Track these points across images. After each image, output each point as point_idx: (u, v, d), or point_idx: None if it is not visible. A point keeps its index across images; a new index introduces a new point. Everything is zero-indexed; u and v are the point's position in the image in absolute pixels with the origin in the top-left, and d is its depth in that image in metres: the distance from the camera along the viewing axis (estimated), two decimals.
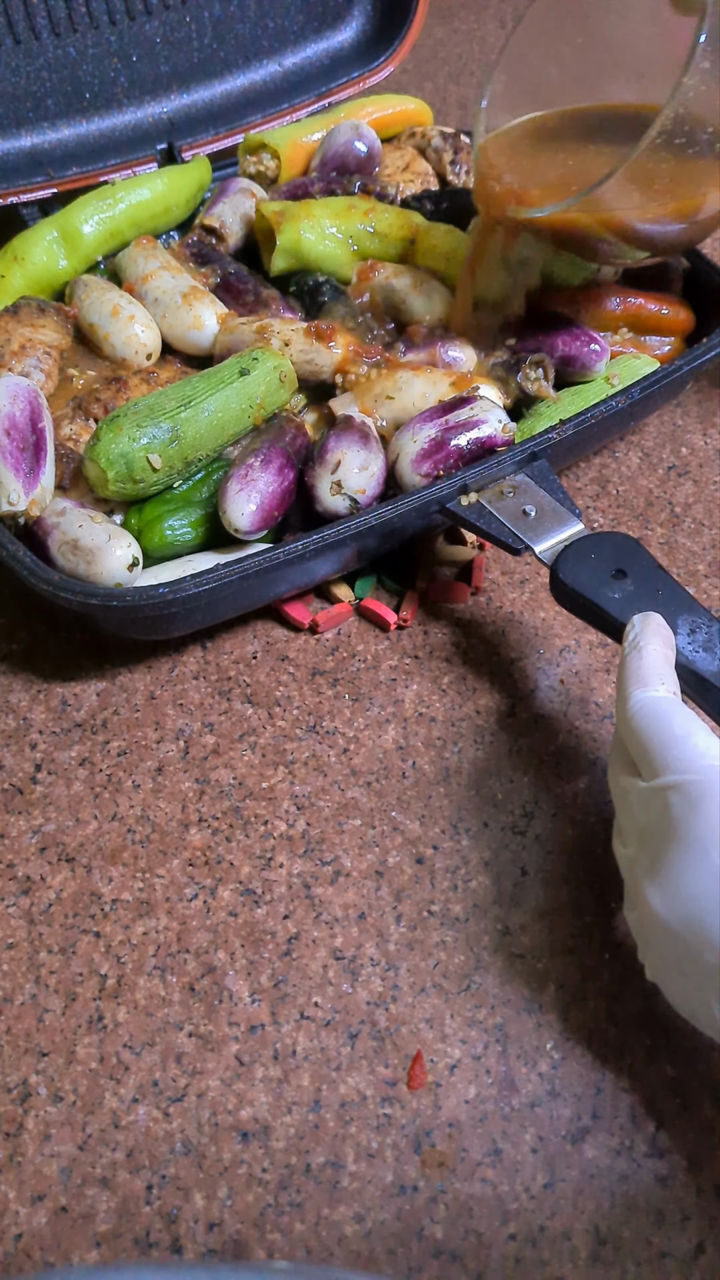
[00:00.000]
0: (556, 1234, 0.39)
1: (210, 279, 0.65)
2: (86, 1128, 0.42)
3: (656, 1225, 0.39)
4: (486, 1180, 0.40)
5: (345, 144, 0.71)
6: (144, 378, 0.60)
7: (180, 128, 0.76)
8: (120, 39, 0.72)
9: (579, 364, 0.62)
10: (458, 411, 0.56)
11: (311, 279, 0.65)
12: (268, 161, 0.73)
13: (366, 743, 0.53)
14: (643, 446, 0.68)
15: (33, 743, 0.53)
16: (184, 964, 0.46)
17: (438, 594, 0.59)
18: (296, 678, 0.56)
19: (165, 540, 0.54)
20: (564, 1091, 0.42)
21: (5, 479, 0.53)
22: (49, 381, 0.60)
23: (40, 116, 0.72)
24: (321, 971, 0.46)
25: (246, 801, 0.51)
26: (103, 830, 0.50)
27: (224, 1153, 0.41)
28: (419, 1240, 0.39)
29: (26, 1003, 0.45)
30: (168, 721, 0.54)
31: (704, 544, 0.62)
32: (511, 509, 0.55)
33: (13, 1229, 0.39)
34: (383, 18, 0.80)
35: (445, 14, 1.17)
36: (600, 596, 0.50)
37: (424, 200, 0.70)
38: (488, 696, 0.55)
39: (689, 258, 0.69)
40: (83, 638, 0.57)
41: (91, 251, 0.67)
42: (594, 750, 0.53)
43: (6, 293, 0.64)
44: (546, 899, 0.48)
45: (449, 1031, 0.44)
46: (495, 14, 1.18)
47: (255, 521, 0.53)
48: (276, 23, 0.78)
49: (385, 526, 0.53)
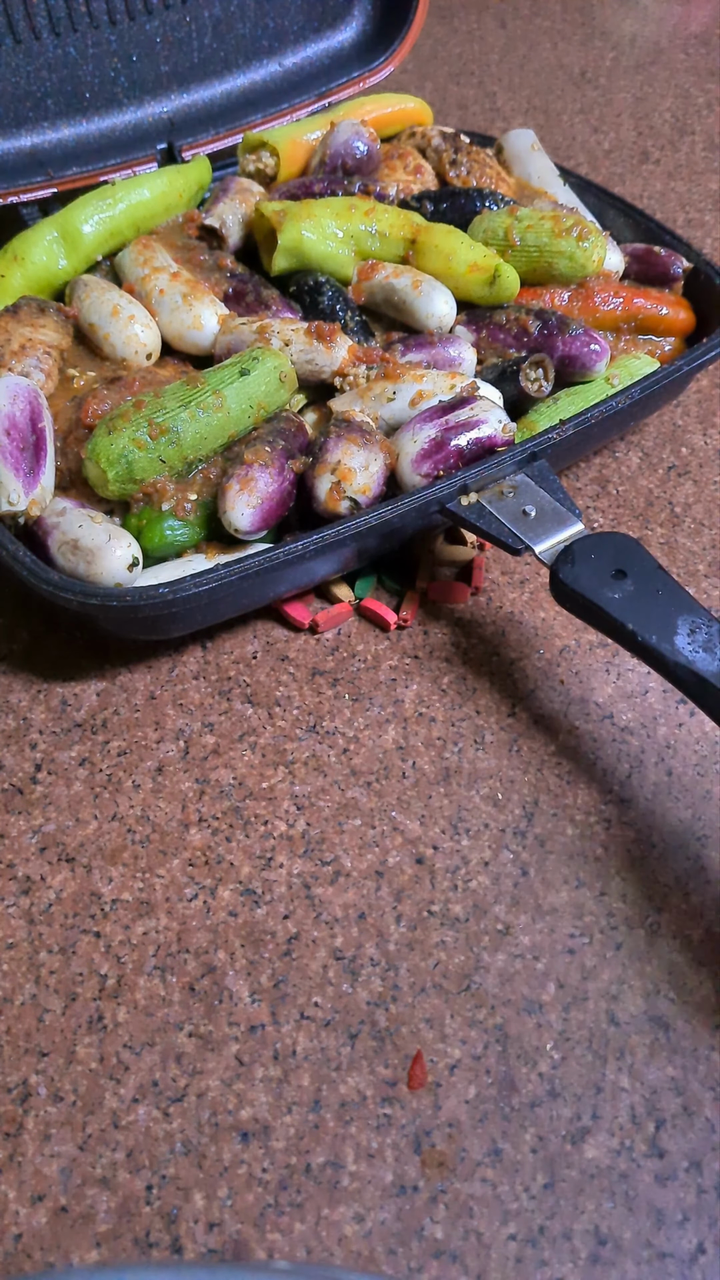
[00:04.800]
0: (556, 1234, 0.39)
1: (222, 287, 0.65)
2: (86, 1128, 0.42)
3: (656, 1225, 0.39)
4: (486, 1180, 0.40)
5: (345, 144, 0.71)
6: (144, 377, 0.60)
7: (180, 127, 0.76)
8: (120, 39, 0.72)
9: (579, 364, 0.62)
10: (458, 411, 0.56)
11: (312, 279, 0.65)
12: (267, 160, 0.73)
13: (366, 743, 0.53)
14: (643, 446, 0.68)
15: (33, 743, 0.53)
16: (184, 964, 0.46)
17: (438, 594, 0.59)
18: (296, 678, 0.56)
19: (165, 540, 0.54)
20: (564, 1091, 0.42)
21: (5, 479, 0.53)
22: (49, 381, 0.60)
23: (40, 116, 0.72)
24: (321, 971, 0.46)
25: (246, 801, 0.51)
26: (103, 830, 0.50)
27: (224, 1153, 0.41)
28: (419, 1240, 0.39)
29: (26, 1003, 0.45)
30: (168, 721, 0.54)
31: (704, 544, 0.62)
32: (511, 509, 0.55)
33: (13, 1229, 0.39)
34: (383, 18, 0.80)
35: (445, 14, 1.17)
36: (600, 596, 0.50)
37: (424, 200, 0.70)
38: (488, 696, 0.55)
39: (689, 258, 0.69)
40: (83, 638, 0.57)
41: (91, 251, 0.67)
42: (594, 750, 0.53)
43: (6, 293, 0.64)
44: (546, 899, 0.48)
45: (449, 1031, 0.44)
46: (495, 14, 1.18)
47: (255, 522, 0.53)
48: (276, 23, 0.78)
49: (385, 526, 0.53)
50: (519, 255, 0.66)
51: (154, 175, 0.69)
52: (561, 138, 0.97)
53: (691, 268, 0.69)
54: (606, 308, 0.66)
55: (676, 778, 0.52)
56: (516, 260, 0.66)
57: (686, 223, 0.87)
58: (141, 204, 0.68)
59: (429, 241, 0.65)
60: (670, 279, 0.69)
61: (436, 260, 0.65)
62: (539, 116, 1.00)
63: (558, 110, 1.01)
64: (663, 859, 0.49)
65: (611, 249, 0.69)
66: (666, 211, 0.88)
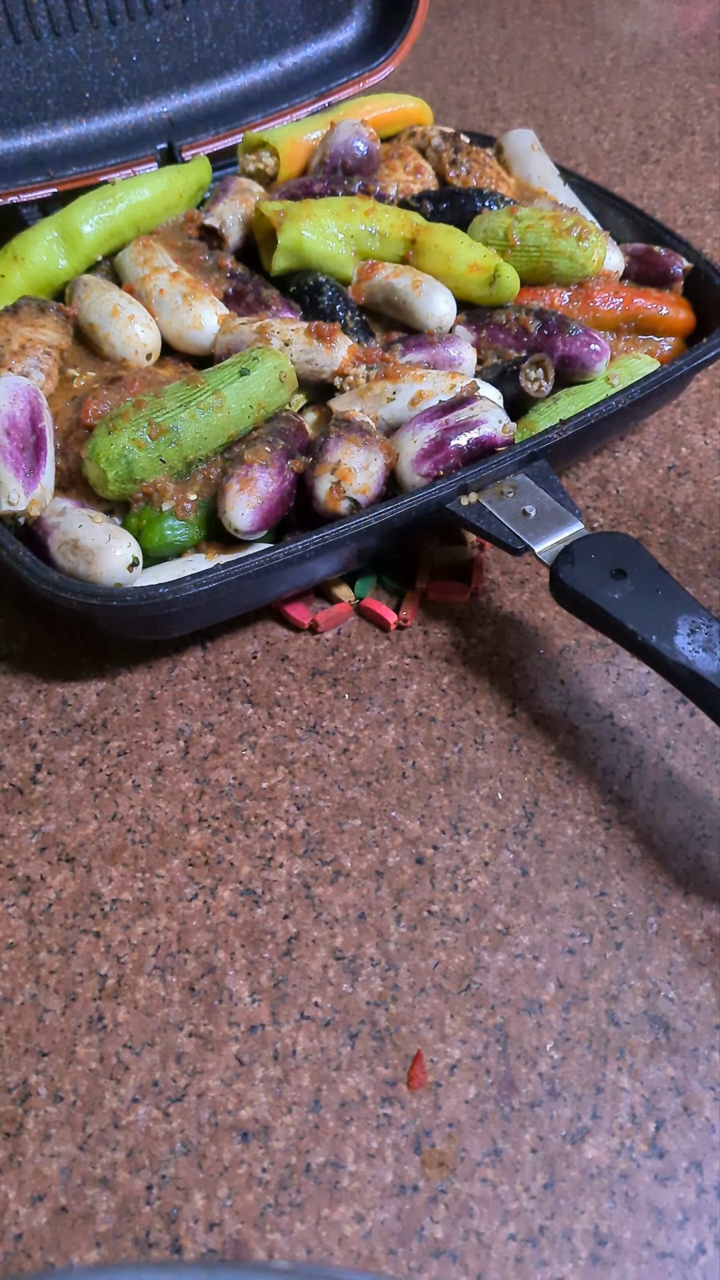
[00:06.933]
0: (556, 1234, 0.39)
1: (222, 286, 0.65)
2: (86, 1128, 0.42)
3: (656, 1225, 0.39)
4: (486, 1180, 0.40)
5: (345, 144, 0.71)
6: (144, 377, 0.60)
7: (180, 127, 0.76)
8: (120, 39, 0.72)
9: (579, 364, 0.62)
10: (458, 411, 0.56)
11: (312, 279, 0.65)
12: (267, 159, 0.73)
13: (366, 743, 0.53)
14: (643, 446, 0.68)
15: (33, 743, 0.53)
16: (184, 964, 0.46)
17: (438, 594, 0.59)
18: (296, 678, 0.56)
19: (165, 540, 0.54)
20: (564, 1091, 0.42)
21: (5, 479, 0.53)
22: (49, 381, 0.60)
23: (40, 116, 0.72)
24: (321, 971, 0.46)
25: (246, 801, 0.51)
26: (103, 830, 0.50)
27: (224, 1153, 0.41)
28: (419, 1240, 0.39)
29: (26, 1003, 0.45)
30: (168, 721, 0.54)
31: (704, 544, 0.62)
32: (511, 509, 0.55)
33: (13, 1229, 0.39)
34: (383, 18, 0.80)
35: (445, 14, 1.17)
36: (600, 596, 0.50)
37: (424, 200, 0.70)
38: (488, 696, 0.55)
39: (689, 258, 0.69)
40: (83, 638, 0.57)
41: (91, 251, 0.67)
42: (594, 750, 0.53)
43: (6, 293, 0.64)
44: (546, 899, 0.48)
45: (449, 1031, 0.44)
46: (495, 14, 1.18)
47: (255, 522, 0.53)
48: (276, 23, 0.78)
49: (385, 526, 0.53)
50: (519, 255, 0.66)
51: (154, 175, 0.69)
52: (561, 138, 0.97)
53: (691, 268, 0.69)
54: (606, 308, 0.66)
55: (676, 778, 0.52)
56: (516, 260, 0.66)
57: (686, 223, 0.87)
58: (141, 204, 0.68)
59: (429, 241, 0.65)
60: (670, 279, 0.69)
61: (436, 260, 0.65)
62: (539, 116, 1.00)
63: (558, 110, 1.01)
64: (663, 859, 0.49)
65: (611, 249, 0.69)
66: (666, 211, 0.88)
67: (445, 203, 0.70)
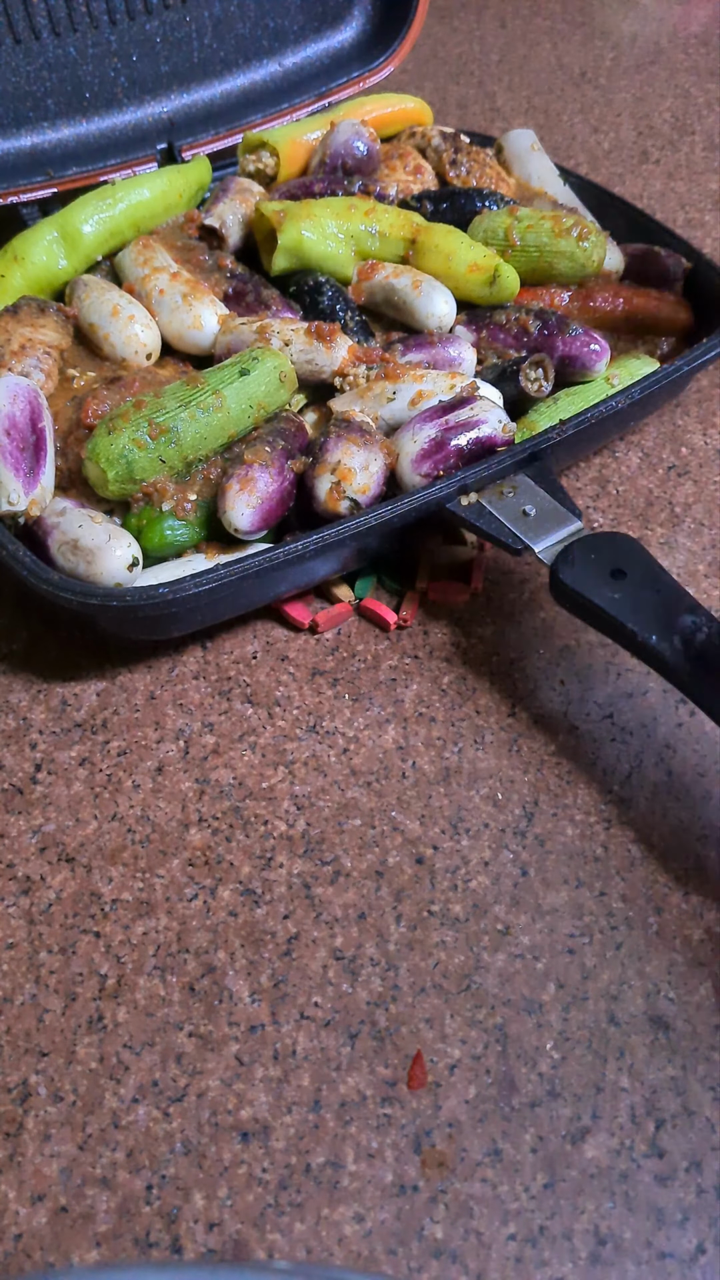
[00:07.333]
0: (556, 1234, 0.39)
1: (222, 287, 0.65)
2: (86, 1128, 0.42)
3: (656, 1225, 0.39)
4: (486, 1180, 0.40)
5: (345, 144, 0.71)
6: (144, 377, 0.60)
7: (180, 127, 0.76)
8: (120, 39, 0.72)
9: (579, 364, 0.62)
10: (458, 411, 0.56)
11: (312, 279, 0.65)
12: (266, 159, 0.73)
13: (366, 743, 0.53)
14: (643, 446, 0.68)
15: (33, 743, 0.53)
16: (184, 964, 0.46)
17: (438, 594, 0.59)
18: (296, 678, 0.56)
19: (165, 540, 0.54)
20: (564, 1091, 0.42)
21: (5, 479, 0.53)
22: (49, 381, 0.60)
23: (40, 116, 0.72)
24: (321, 971, 0.46)
25: (246, 801, 0.51)
26: (103, 830, 0.50)
27: (224, 1153, 0.41)
28: (419, 1240, 0.39)
29: (26, 1003, 0.45)
30: (168, 721, 0.54)
31: (704, 544, 0.62)
32: (511, 509, 0.55)
33: (13, 1229, 0.39)
34: (383, 18, 0.80)
35: (445, 14, 1.17)
36: (600, 596, 0.50)
37: (424, 200, 0.70)
38: (488, 696, 0.55)
39: (689, 258, 0.69)
40: (83, 638, 0.57)
41: (91, 251, 0.67)
42: (594, 750, 0.53)
43: (6, 293, 0.64)
44: (546, 899, 0.48)
45: (449, 1031, 0.44)
46: (495, 14, 1.18)
47: (255, 522, 0.53)
48: (276, 23, 0.78)
49: (385, 526, 0.53)
50: (519, 255, 0.66)
51: (154, 175, 0.69)
52: (561, 138, 0.97)
53: (691, 268, 0.69)
54: (606, 308, 0.66)
55: (676, 778, 0.52)
56: (516, 260, 0.66)
57: (686, 223, 0.87)
58: (141, 204, 0.68)
59: (429, 241, 0.65)
60: (670, 279, 0.69)
61: (436, 260, 0.65)
62: (539, 116, 1.00)
63: (558, 110, 1.01)
64: (663, 859, 0.49)
65: (611, 249, 0.69)
66: (666, 211, 0.88)
67: (445, 203, 0.70)
